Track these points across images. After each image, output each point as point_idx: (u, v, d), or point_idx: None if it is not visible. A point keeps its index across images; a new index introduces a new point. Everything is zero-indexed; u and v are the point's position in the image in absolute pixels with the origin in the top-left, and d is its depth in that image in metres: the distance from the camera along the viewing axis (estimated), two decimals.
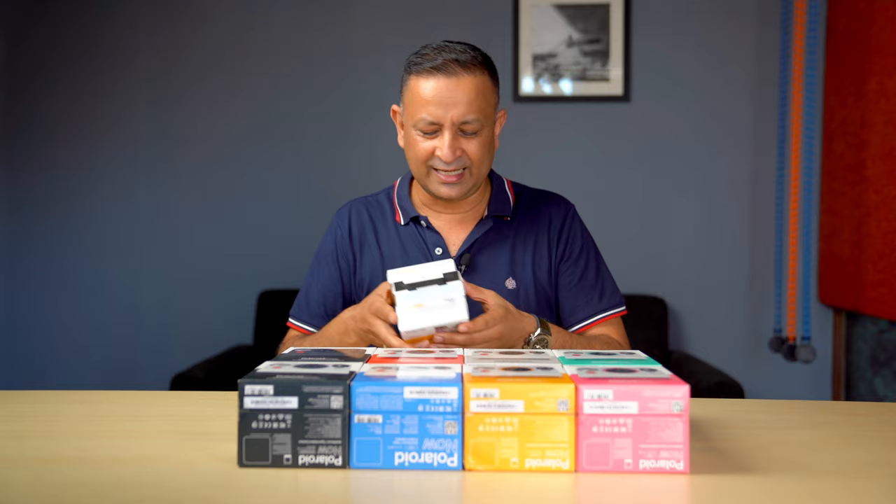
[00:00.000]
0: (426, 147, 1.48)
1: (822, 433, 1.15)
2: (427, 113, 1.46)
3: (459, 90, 1.45)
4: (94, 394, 1.41)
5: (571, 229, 1.62)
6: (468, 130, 1.47)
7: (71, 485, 0.91)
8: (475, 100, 1.46)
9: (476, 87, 1.46)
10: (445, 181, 1.50)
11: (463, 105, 1.45)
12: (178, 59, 3.34)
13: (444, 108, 1.45)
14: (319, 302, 1.62)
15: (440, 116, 1.45)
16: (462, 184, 1.51)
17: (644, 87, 3.23)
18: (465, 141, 1.48)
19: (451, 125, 1.46)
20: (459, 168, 1.49)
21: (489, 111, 1.49)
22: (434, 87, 1.46)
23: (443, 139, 1.46)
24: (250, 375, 0.97)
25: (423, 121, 1.47)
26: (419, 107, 1.47)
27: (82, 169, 3.36)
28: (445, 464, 0.94)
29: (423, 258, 1.57)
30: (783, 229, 3.07)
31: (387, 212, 1.63)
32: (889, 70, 2.64)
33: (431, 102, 1.45)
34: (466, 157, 1.48)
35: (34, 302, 3.38)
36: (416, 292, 1.28)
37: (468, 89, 1.46)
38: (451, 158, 1.46)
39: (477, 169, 1.51)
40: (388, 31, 3.28)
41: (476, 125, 1.47)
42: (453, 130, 1.46)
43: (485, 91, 1.48)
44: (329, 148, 3.31)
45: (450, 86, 1.45)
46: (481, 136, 1.49)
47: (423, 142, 1.49)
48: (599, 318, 1.61)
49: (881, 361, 2.88)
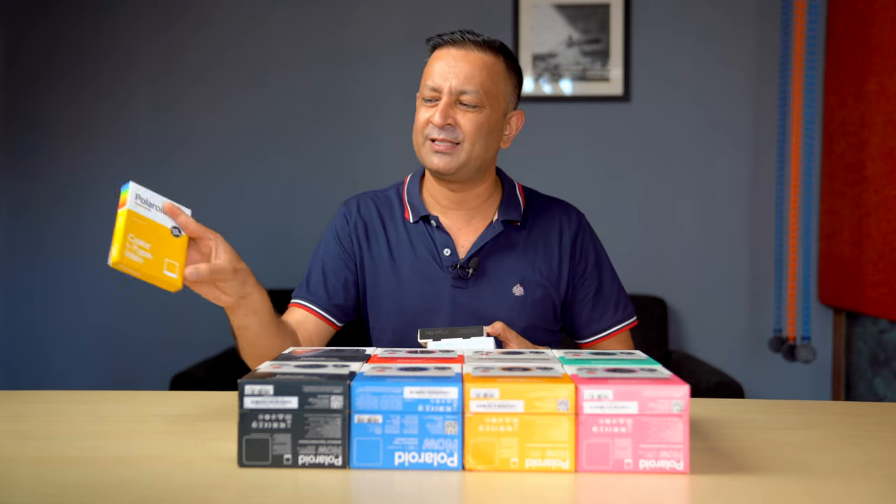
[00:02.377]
0: (424, 116, 1.49)
1: (821, 433, 1.15)
2: (430, 80, 1.47)
3: (465, 61, 1.46)
4: (95, 394, 1.41)
5: (585, 242, 1.61)
6: (466, 102, 1.46)
7: (72, 485, 0.91)
8: (478, 74, 1.46)
9: (484, 63, 1.47)
10: (437, 150, 1.48)
11: (464, 75, 1.46)
12: (178, 60, 3.34)
13: (444, 76, 1.46)
14: (320, 279, 1.58)
15: (440, 84, 1.47)
16: (453, 156, 1.47)
17: (644, 88, 3.23)
18: (462, 113, 1.47)
19: (449, 93, 1.46)
20: (451, 139, 1.47)
21: (495, 93, 1.48)
22: (443, 55, 1.48)
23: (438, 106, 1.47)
24: (250, 375, 0.97)
25: (426, 87, 1.48)
26: (426, 76, 1.49)
27: (82, 169, 3.36)
28: (445, 464, 0.94)
29: (432, 257, 1.56)
30: (783, 229, 3.07)
31: (395, 208, 1.62)
32: (889, 70, 2.64)
33: (437, 70, 1.47)
34: (459, 129, 1.47)
35: (34, 302, 3.38)
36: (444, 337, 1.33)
37: (474, 62, 1.47)
38: (440, 122, 1.45)
39: (469, 145, 1.47)
40: (388, 31, 3.28)
41: (474, 98, 1.46)
42: (450, 99, 1.46)
43: (493, 72, 1.48)
44: (329, 148, 3.31)
45: (458, 56, 1.47)
46: (480, 113, 1.47)
47: (423, 111, 1.49)
48: (615, 329, 1.61)
49: (881, 361, 2.88)
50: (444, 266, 1.55)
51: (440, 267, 1.55)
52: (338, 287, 1.58)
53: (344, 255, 1.59)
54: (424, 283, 1.54)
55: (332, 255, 1.60)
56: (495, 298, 1.53)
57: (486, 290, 1.54)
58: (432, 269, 1.55)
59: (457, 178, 1.52)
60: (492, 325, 1.40)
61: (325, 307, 1.58)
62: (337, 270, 1.59)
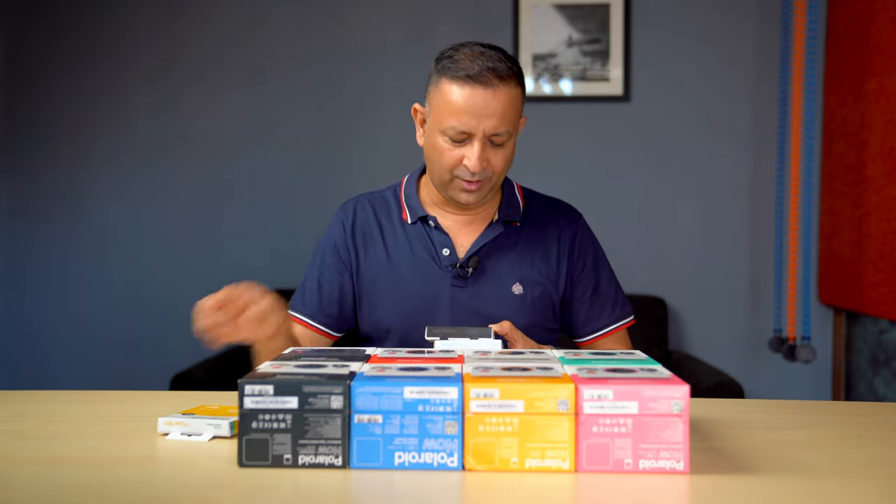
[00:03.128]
0: (454, 156, 1.46)
1: (821, 433, 1.15)
2: (459, 122, 1.43)
3: (494, 101, 1.42)
4: (95, 394, 1.41)
5: (584, 241, 1.62)
6: (496, 142, 1.46)
7: (72, 485, 0.91)
8: (507, 112, 1.43)
9: (510, 99, 1.44)
10: (467, 189, 1.48)
11: (496, 118, 1.42)
12: (178, 59, 3.34)
13: (477, 119, 1.42)
14: (315, 290, 1.60)
15: (473, 127, 1.43)
16: (481, 191, 1.50)
17: (644, 88, 3.23)
18: (492, 152, 1.46)
19: (482, 136, 1.43)
20: (484, 179, 1.48)
21: (517, 122, 1.48)
22: (469, 96, 1.42)
23: (472, 149, 1.44)
24: (250, 375, 0.97)
25: (453, 129, 1.43)
26: (450, 114, 1.43)
27: (82, 169, 3.36)
28: (445, 464, 0.94)
29: (430, 257, 1.56)
30: (783, 229, 3.07)
31: (393, 209, 1.62)
32: (889, 70, 2.64)
33: (465, 112, 1.42)
34: (490, 168, 1.47)
35: (34, 302, 3.38)
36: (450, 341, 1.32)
37: (502, 101, 1.43)
38: (478, 169, 1.44)
39: (497, 178, 1.50)
40: (388, 31, 3.28)
41: (505, 137, 1.46)
42: (483, 142, 1.44)
43: (516, 103, 1.46)
44: (329, 147, 3.31)
45: (486, 97, 1.42)
46: (507, 147, 1.48)
47: (451, 150, 1.46)
48: (613, 328, 1.62)
49: (881, 361, 2.88)
50: (443, 266, 1.55)
51: (439, 267, 1.55)
52: (333, 298, 1.59)
53: (339, 265, 1.60)
54: (424, 283, 1.55)
55: (328, 264, 1.61)
56: (495, 297, 1.54)
57: (485, 289, 1.54)
58: (431, 269, 1.55)
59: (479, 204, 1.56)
60: (500, 323, 1.40)
61: (321, 320, 1.60)
62: (332, 281, 1.60)
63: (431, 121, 1.48)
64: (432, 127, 1.48)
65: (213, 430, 1.09)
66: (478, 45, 1.46)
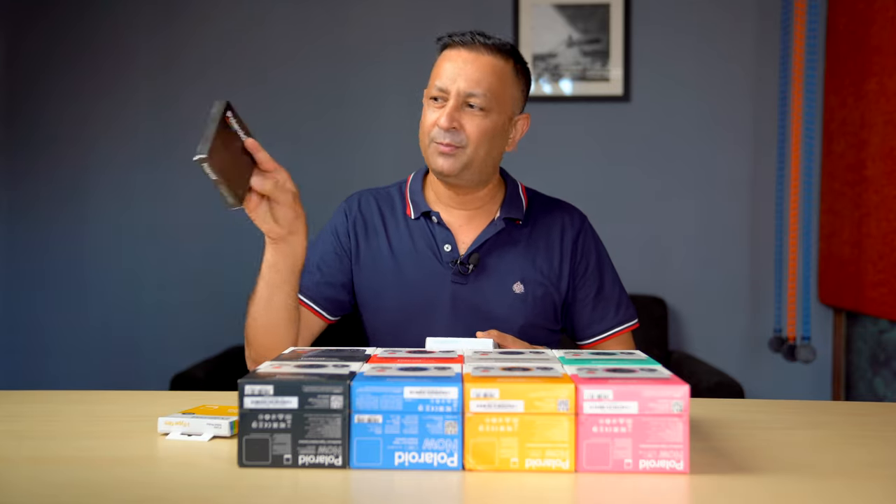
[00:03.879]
0: (431, 118, 1.48)
1: (822, 433, 1.15)
2: (438, 80, 1.47)
3: (474, 64, 1.46)
4: (94, 394, 1.41)
5: (587, 242, 1.61)
6: (473, 104, 1.46)
7: (70, 485, 0.91)
8: (487, 78, 1.46)
9: (493, 67, 1.46)
10: (441, 151, 1.47)
11: (473, 80, 1.45)
12: (178, 58, 3.34)
13: (452, 78, 1.46)
14: (313, 272, 1.60)
15: (448, 85, 1.46)
16: (456, 157, 1.47)
17: (644, 87, 3.23)
18: (468, 117, 1.46)
19: (457, 95, 1.45)
20: (455, 143, 1.47)
21: (502, 97, 1.48)
22: (453, 56, 1.47)
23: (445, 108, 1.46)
24: (250, 375, 0.97)
25: (434, 87, 1.48)
26: (435, 75, 1.49)
27: (82, 169, 3.36)
28: (445, 464, 0.94)
29: (432, 253, 1.56)
30: (783, 229, 3.07)
31: (397, 204, 1.62)
32: (889, 70, 2.64)
33: (445, 71, 1.47)
34: (464, 133, 1.46)
35: (34, 301, 3.38)
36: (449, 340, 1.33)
37: (484, 65, 1.46)
38: (446, 125, 1.45)
39: (473, 149, 1.47)
40: (388, 31, 3.28)
41: (481, 101, 1.46)
42: (457, 101, 1.46)
43: (502, 75, 1.47)
44: (329, 147, 3.31)
45: (467, 58, 1.46)
46: (486, 118, 1.47)
47: (431, 112, 1.49)
48: (616, 331, 1.61)
49: (881, 361, 2.88)
50: (444, 262, 1.55)
51: (440, 262, 1.55)
52: (331, 281, 1.59)
53: (340, 250, 1.60)
54: (424, 279, 1.55)
55: (328, 249, 1.61)
56: (495, 295, 1.54)
57: (486, 286, 1.54)
58: (432, 265, 1.55)
59: (459, 181, 1.52)
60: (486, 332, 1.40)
61: (317, 300, 1.59)
62: (331, 264, 1.60)
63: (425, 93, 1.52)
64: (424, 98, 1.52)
65: (213, 430, 1.09)
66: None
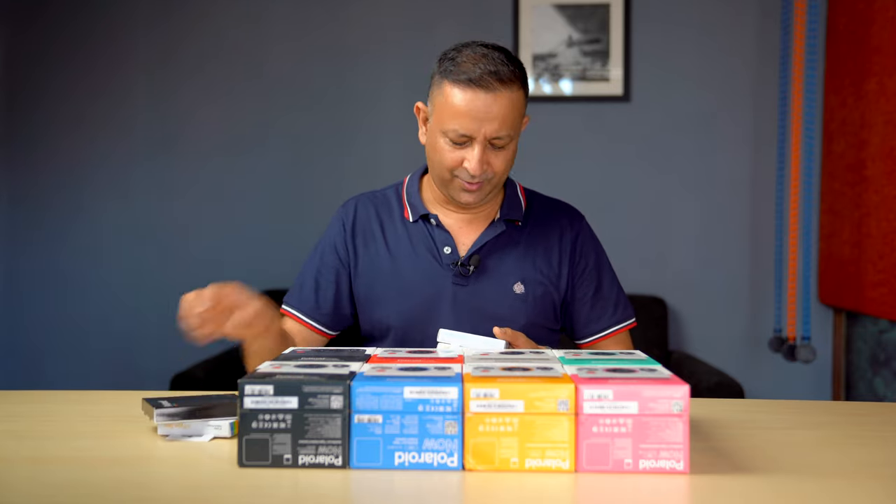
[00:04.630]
0: (454, 157, 1.47)
1: (822, 433, 1.15)
2: (459, 125, 1.43)
3: (496, 106, 1.42)
4: (92, 394, 1.41)
5: (586, 242, 1.62)
6: (497, 145, 1.46)
7: (69, 485, 0.91)
8: (508, 116, 1.44)
9: (511, 102, 1.44)
10: (468, 189, 1.49)
11: (497, 122, 1.43)
12: (175, 54, 3.33)
13: (478, 123, 1.43)
14: (312, 288, 1.60)
15: (474, 131, 1.43)
16: (482, 191, 1.50)
17: (644, 87, 3.23)
18: (493, 155, 1.46)
19: (483, 140, 1.44)
20: (484, 180, 1.49)
21: (518, 125, 1.48)
22: (470, 100, 1.42)
23: (472, 152, 1.44)
24: (250, 375, 0.97)
25: (454, 132, 1.44)
26: (452, 117, 1.44)
27: (82, 169, 3.36)
28: (445, 464, 0.94)
29: (432, 256, 1.56)
30: (783, 229, 3.07)
31: (394, 208, 1.62)
32: (889, 70, 2.64)
33: (466, 116, 1.42)
34: (491, 170, 1.48)
35: (34, 301, 3.38)
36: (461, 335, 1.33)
37: (503, 105, 1.43)
38: (479, 172, 1.45)
39: (499, 179, 1.51)
40: (388, 30, 3.28)
41: (506, 140, 1.46)
42: (484, 145, 1.44)
43: (518, 106, 1.46)
44: (329, 146, 3.31)
45: (486, 101, 1.42)
46: (508, 149, 1.48)
47: (452, 151, 1.47)
48: (613, 330, 1.61)
49: (881, 361, 2.88)
50: (445, 264, 1.55)
51: (440, 265, 1.55)
52: (329, 298, 1.60)
53: (338, 264, 1.61)
54: (425, 282, 1.55)
55: (326, 263, 1.61)
56: (496, 296, 1.54)
57: (486, 287, 1.54)
58: (432, 267, 1.55)
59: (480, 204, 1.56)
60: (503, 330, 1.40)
61: (316, 318, 1.60)
62: (329, 280, 1.60)
63: (433, 121, 1.49)
64: (434, 127, 1.48)
65: (213, 430, 1.09)
66: (481, 45, 1.46)
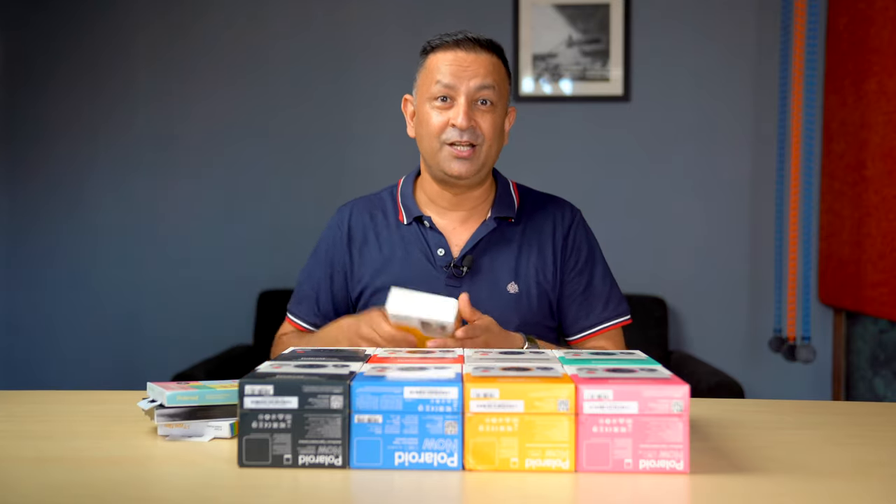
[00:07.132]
0: (441, 119, 1.48)
1: (821, 433, 1.15)
2: (444, 77, 1.47)
3: (477, 62, 1.48)
4: (92, 394, 1.41)
5: (578, 236, 1.60)
6: (484, 98, 1.48)
7: (69, 485, 0.91)
8: (491, 73, 1.48)
9: (493, 63, 1.50)
10: (458, 155, 1.48)
11: (480, 76, 1.47)
12: (176, 55, 3.34)
13: (460, 77, 1.47)
14: (311, 298, 1.62)
15: (456, 84, 1.47)
16: (473, 160, 1.49)
17: (644, 87, 3.23)
18: (479, 114, 1.48)
19: (468, 92, 1.47)
20: (473, 141, 1.48)
21: (503, 92, 1.51)
22: (452, 57, 1.48)
23: (458, 107, 1.47)
24: (250, 375, 0.97)
25: (439, 85, 1.47)
26: (434, 76, 1.49)
27: (81, 168, 3.36)
28: (445, 464, 0.94)
29: (426, 258, 1.56)
30: (783, 229, 3.07)
31: (389, 211, 1.62)
32: (889, 70, 2.64)
33: (449, 71, 1.47)
34: (479, 130, 1.48)
35: (33, 301, 3.38)
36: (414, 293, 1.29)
37: (484, 63, 1.48)
38: (465, 125, 1.46)
39: (487, 147, 1.50)
40: (387, 30, 3.28)
41: (492, 95, 1.48)
42: (469, 99, 1.47)
43: (500, 71, 1.51)
44: (329, 146, 3.31)
45: (468, 57, 1.48)
46: (494, 113, 1.49)
47: (439, 115, 1.49)
48: (604, 326, 1.59)
49: (881, 361, 2.88)
50: (438, 266, 1.55)
51: (434, 267, 1.55)
52: (328, 305, 1.61)
53: (334, 272, 1.62)
54: (420, 285, 1.54)
55: (323, 271, 1.63)
56: (490, 296, 1.53)
57: (481, 288, 1.53)
58: (427, 270, 1.55)
59: (471, 182, 1.54)
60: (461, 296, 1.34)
61: (317, 324, 1.61)
62: (327, 289, 1.62)
63: (419, 97, 1.52)
64: (421, 102, 1.52)
65: (213, 430, 1.09)
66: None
